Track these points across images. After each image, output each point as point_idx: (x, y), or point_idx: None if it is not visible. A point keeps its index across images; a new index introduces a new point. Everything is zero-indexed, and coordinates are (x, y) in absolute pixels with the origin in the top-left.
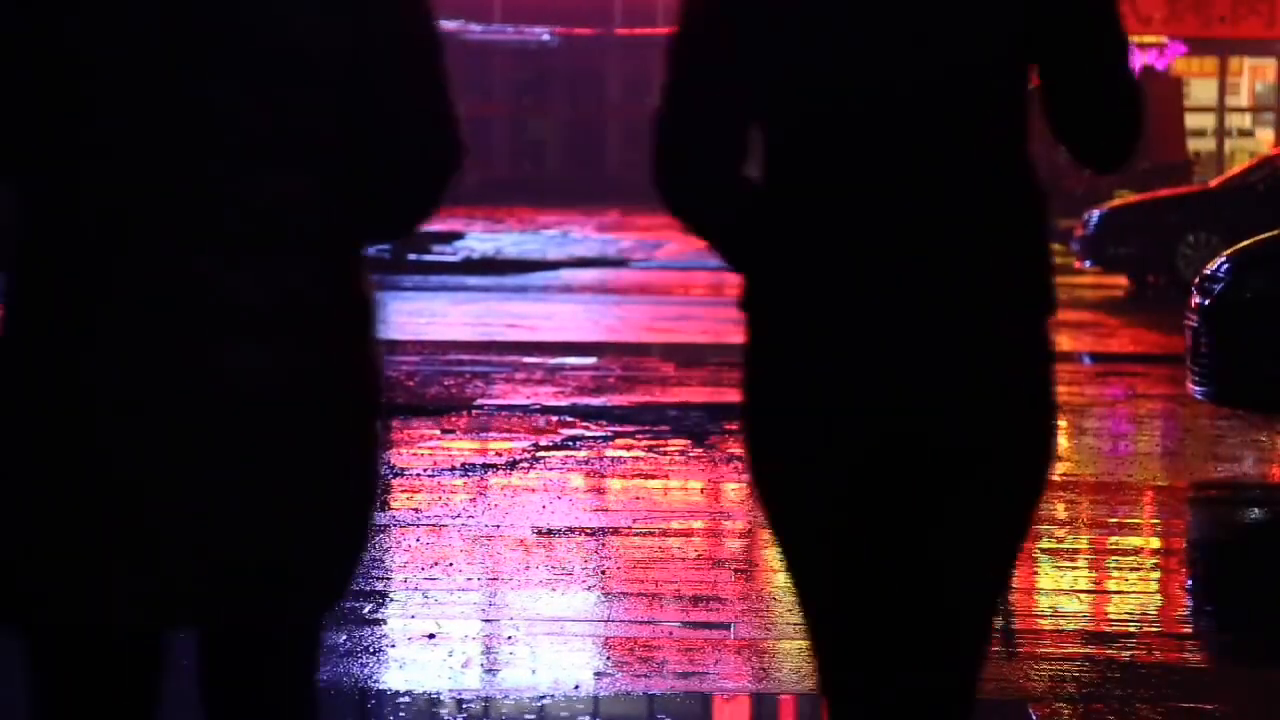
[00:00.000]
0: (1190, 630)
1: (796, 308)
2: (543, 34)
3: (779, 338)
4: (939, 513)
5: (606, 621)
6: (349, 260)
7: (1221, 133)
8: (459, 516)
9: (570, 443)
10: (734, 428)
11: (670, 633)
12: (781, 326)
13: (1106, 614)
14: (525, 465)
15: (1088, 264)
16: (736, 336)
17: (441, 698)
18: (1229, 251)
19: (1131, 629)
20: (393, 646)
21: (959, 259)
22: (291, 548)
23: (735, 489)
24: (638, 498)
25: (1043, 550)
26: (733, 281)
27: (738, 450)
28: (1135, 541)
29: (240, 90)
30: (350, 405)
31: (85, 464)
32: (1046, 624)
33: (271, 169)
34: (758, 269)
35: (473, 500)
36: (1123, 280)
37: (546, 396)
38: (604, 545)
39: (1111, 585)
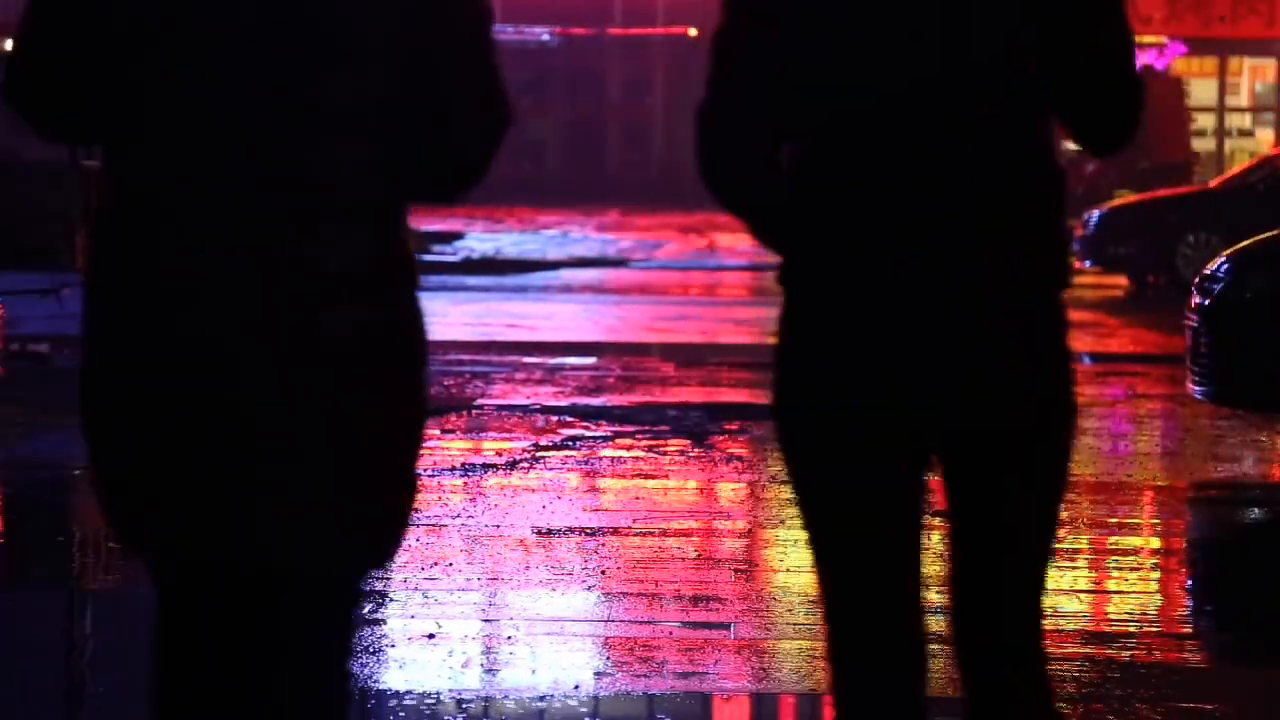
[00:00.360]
0: (1190, 630)
1: (819, 292)
2: (543, 34)
3: (806, 318)
4: (972, 484)
5: (606, 621)
6: (401, 224)
7: (1221, 133)
8: (459, 516)
9: (570, 443)
10: (734, 428)
11: (670, 633)
12: (807, 309)
13: (1106, 614)
14: (525, 465)
15: (1088, 264)
16: (736, 337)
17: (441, 698)
18: (1229, 251)
19: (1131, 629)
20: (393, 646)
21: (968, 245)
22: (369, 495)
23: (735, 489)
24: (637, 498)
25: None
26: (731, 282)
27: (738, 450)
28: (1135, 541)
29: (309, 73)
30: (405, 358)
31: (191, 419)
32: (1046, 624)
33: (339, 145)
34: (789, 250)
35: (472, 500)
36: (1123, 280)
37: (546, 396)
38: (604, 545)
39: (1111, 585)
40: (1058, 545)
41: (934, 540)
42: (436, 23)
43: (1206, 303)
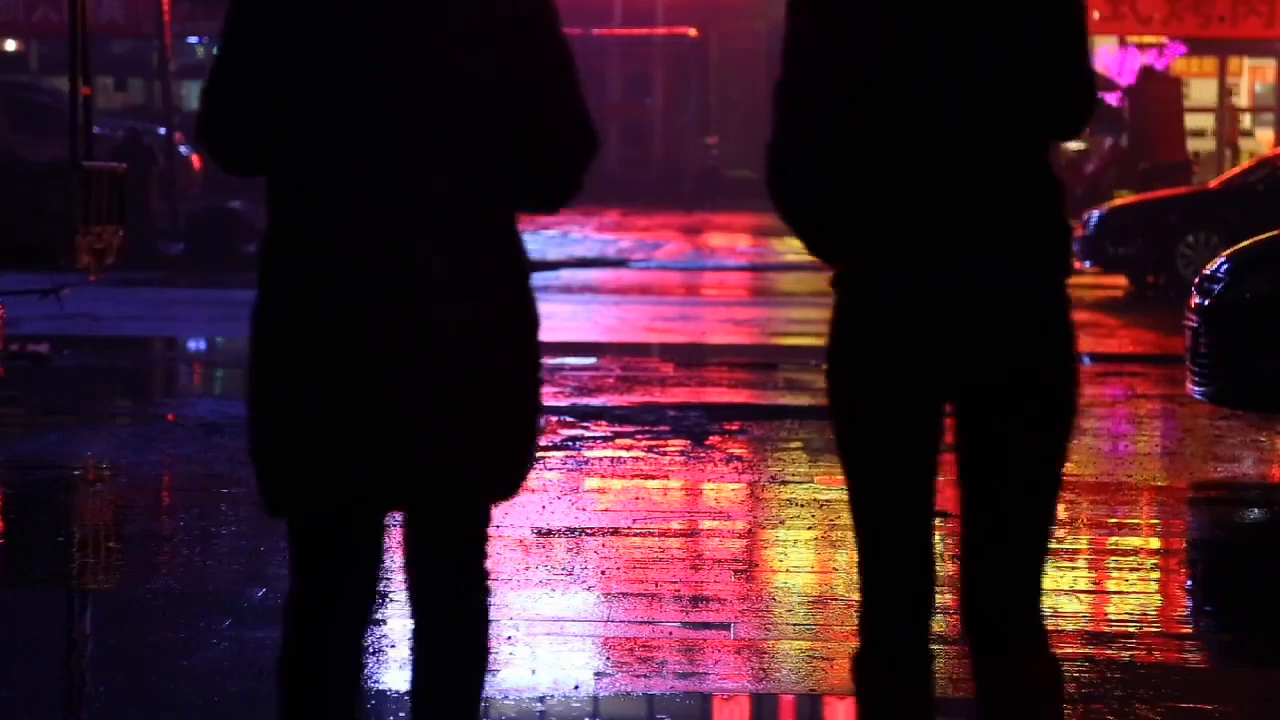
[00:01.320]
0: (1190, 630)
1: (867, 291)
2: None
3: (855, 312)
4: (996, 431)
5: (606, 621)
6: (512, 233)
7: (1221, 133)
8: None
9: (570, 443)
10: (734, 428)
11: (670, 633)
12: (857, 304)
13: (1106, 614)
14: None
15: (1088, 264)
16: (736, 337)
17: None
18: (1229, 251)
19: (1131, 629)
20: (393, 646)
21: (988, 247)
22: (479, 452)
23: (735, 489)
24: (638, 498)
25: None
26: (731, 282)
27: (738, 450)
28: (1135, 541)
29: (430, 110)
30: (518, 344)
31: (336, 393)
32: (1047, 624)
33: (454, 171)
34: (841, 262)
35: None
36: (1123, 280)
37: (546, 396)
38: (604, 545)
39: (1111, 585)
40: (1058, 546)
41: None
42: (530, 67)
43: (1206, 303)
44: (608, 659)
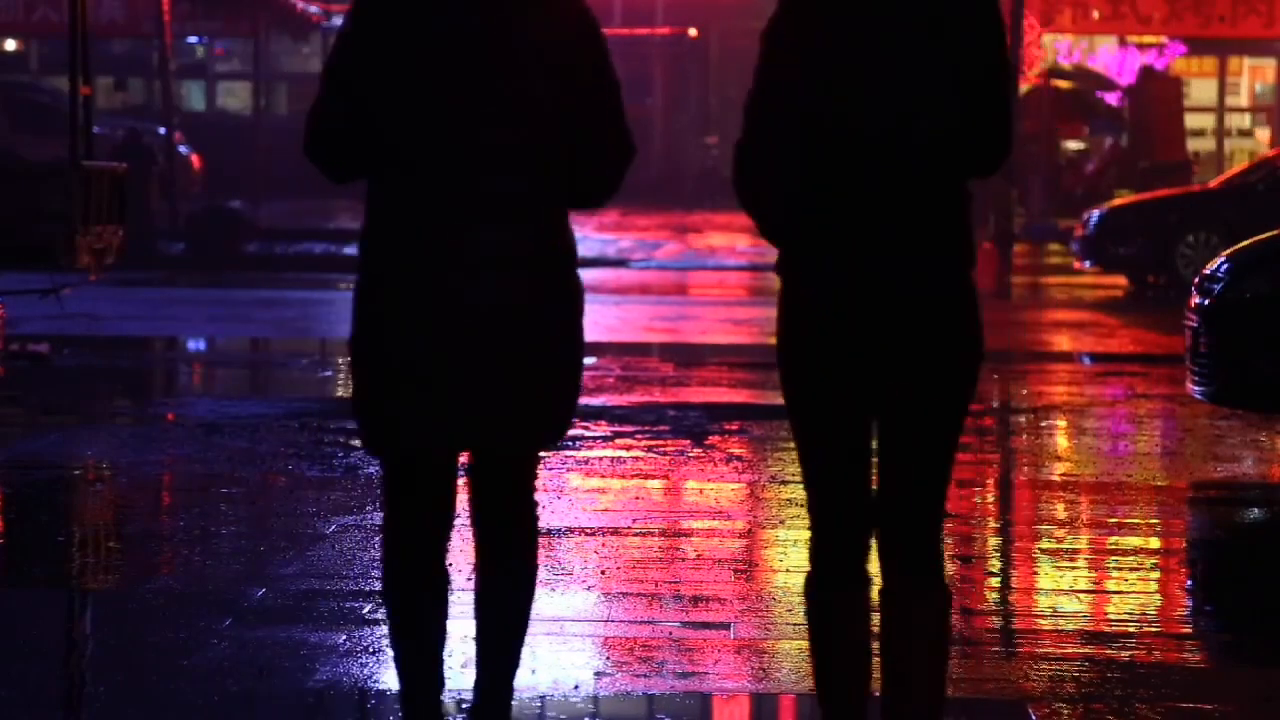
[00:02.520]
0: (1190, 630)
1: (802, 278)
2: None
3: (793, 297)
4: (909, 392)
5: (606, 621)
6: (560, 224)
7: (1221, 133)
8: (459, 516)
9: (570, 443)
10: (734, 428)
11: (670, 633)
12: (793, 290)
13: (1106, 614)
14: None
15: (1088, 264)
16: (736, 337)
17: (441, 698)
18: (1229, 251)
19: (1131, 629)
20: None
21: (901, 243)
22: (533, 404)
23: (735, 489)
24: (638, 498)
25: (1043, 550)
26: (731, 282)
27: (738, 450)
28: (1135, 541)
29: (494, 124)
30: (564, 314)
31: (413, 354)
32: (1046, 624)
33: (513, 172)
34: (785, 249)
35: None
36: (1122, 280)
37: None
38: (604, 545)
39: (1111, 585)
40: (1057, 545)
41: None
42: (581, 90)
43: (1206, 303)
44: (608, 659)
